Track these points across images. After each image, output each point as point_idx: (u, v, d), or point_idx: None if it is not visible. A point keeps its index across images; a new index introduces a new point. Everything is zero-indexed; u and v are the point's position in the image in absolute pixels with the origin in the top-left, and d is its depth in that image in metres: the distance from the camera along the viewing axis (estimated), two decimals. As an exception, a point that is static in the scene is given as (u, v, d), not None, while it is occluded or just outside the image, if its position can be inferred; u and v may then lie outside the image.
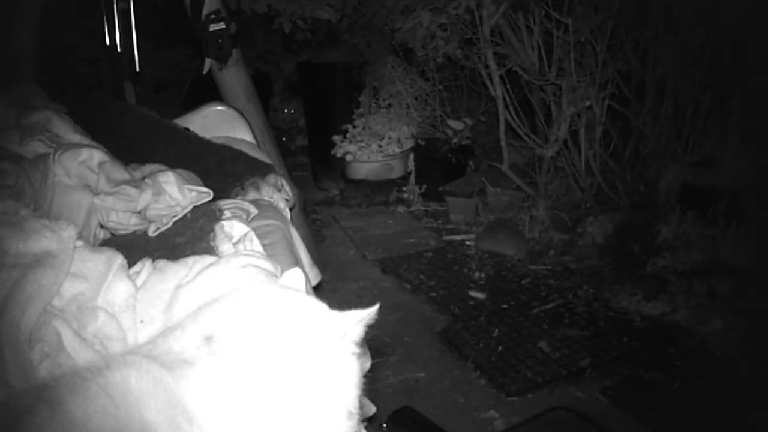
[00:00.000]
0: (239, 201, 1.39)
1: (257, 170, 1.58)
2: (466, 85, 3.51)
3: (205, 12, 2.24)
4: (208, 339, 0.62)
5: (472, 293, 2.56)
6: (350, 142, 3.50)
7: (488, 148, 3.42)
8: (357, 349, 0.67)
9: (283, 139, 4.12)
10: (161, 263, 1.00)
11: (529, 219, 2.95)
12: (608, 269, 2.60)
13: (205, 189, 1.31)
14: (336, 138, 3.52)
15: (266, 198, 1.52)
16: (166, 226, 1.22)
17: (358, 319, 0.67)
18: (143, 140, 1.65)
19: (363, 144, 3.48)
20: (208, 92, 2.40)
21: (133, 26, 2.45)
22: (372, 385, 0.73)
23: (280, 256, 1.23)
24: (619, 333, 2.25)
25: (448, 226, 3.19)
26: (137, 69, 2.50)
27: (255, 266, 0.98)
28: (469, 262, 2.82)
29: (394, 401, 1.88)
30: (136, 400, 0.57)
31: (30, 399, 0.55)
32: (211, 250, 1.11)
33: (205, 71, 2.37)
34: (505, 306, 2.47)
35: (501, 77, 2.91)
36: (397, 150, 3.48)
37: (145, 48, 2.57)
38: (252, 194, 1.51)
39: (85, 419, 0.54)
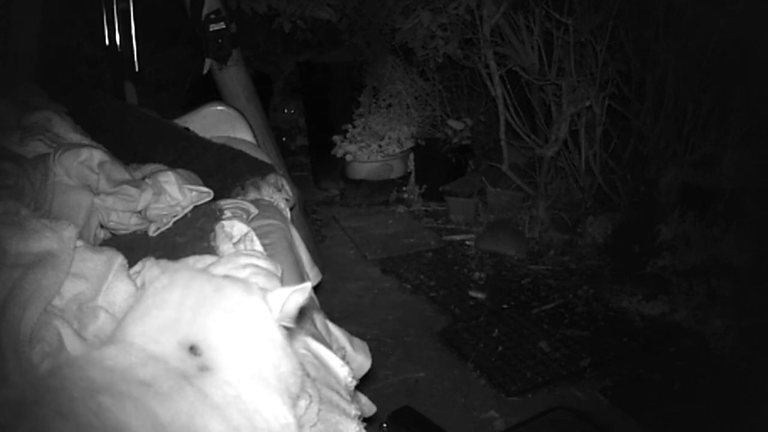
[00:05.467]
0: (240, 201, 1.40)
1: (257, 170, 1.58)
2: (466, 85, 3.51)
3: (205, 12, 2.24)
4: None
5: (472, 293, 2.56)
6: (350, 142, 3.50)
7: (488, 148, 3.42)
8: (290, 323, 0.72)
9: (283, 139, 4.12)
10: (162, 263, 1.00)
11: (529, 219, 2.95)
12: (608, 269, 2.60)
13: (205, 189, 1.31)
14: (336, 138, 3.52)
15: (266, 198, 1.52)
16: (167, 226, 1.22)
17: (286, 296, 0.71)
18: (143, 140, 1.65)
19: (363, 144, 3.48)
20: (208, 92, 2.40)
21: (133, 26, 2.45)
22: (372, 385, 0.73)
23: (280, 255, 1.24)
24: (619, 333, 2.26)
25: (448, 226, 3.19)
26: (137, 69, 2.50)
27: (255, 266, 0.98)
28: (469, 262, 2.82)
29: (394, 401, 1.87)
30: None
31: (7, 416, 0.51)
32: (211, 250, 1.11)
33: (205, 71, 2.37)
34: (505, 306, 2.47)
35: (501, 77, 2.91)
36: (397, 150, 3.48)
37: (145, 48, 2.56)
38: (252, 194, 1.51)
39: None
